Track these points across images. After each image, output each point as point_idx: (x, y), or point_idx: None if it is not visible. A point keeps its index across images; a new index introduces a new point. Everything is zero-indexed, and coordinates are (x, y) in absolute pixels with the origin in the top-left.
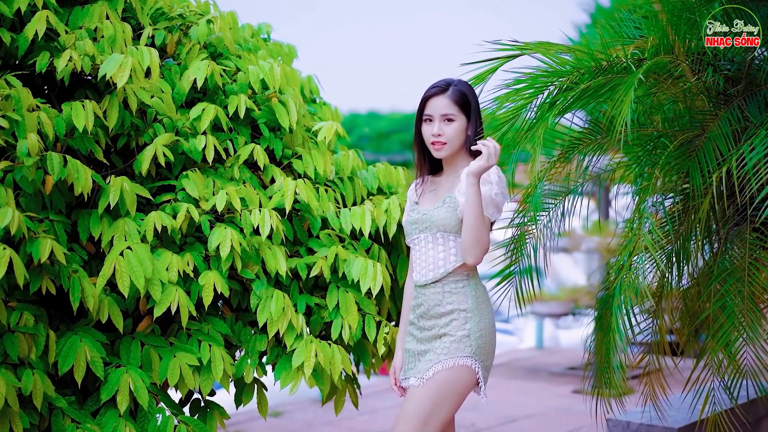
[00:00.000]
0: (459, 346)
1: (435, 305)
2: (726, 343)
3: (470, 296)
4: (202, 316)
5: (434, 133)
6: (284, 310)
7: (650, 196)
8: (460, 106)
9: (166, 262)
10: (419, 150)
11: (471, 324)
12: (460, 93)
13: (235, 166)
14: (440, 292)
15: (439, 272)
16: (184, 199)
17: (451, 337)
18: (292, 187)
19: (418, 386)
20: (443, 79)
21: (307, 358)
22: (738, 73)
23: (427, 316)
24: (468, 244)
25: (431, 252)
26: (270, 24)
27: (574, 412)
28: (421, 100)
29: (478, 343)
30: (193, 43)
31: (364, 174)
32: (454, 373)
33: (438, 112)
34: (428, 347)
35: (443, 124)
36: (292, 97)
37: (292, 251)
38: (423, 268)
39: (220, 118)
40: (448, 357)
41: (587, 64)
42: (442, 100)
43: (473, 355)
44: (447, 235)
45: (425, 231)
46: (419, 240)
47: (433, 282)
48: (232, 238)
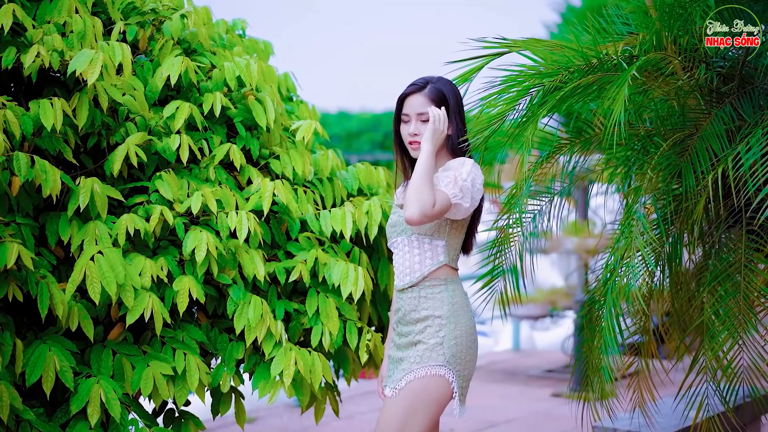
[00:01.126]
0: (431, 354)
1: (411, 310)
2: (721, 349)
3: (446, 302)
4: (176, 323)
5: (411, 132)
6: (262, 317)
7: (641, 196)
8: (437, 104)
9: (138, 267)
10: (400, 152)
11: (445, 331)
12: (437, 91)
13: (211, 166)
14: (416, 297)
15: (415, 276)
16: (158, 201)
17: (424, 344)
18: (270, 188)
19: (392, 397)
20: (422, 77)
21: (286, 366)
22: (731, 70)
23: (404, 321)
24: (408, 199)
25: (408, 255)
26: (245, 20)
27: (554, 417)
28: (398, 99)
29: (452, 352)
30: (167, 39)
31: (343, 174)
32: (426, 382)
33: (414, 111)
34: (404, 355)
35: (420, 123)
36: (269, 95)
37: (270, 255)
38: (401, 272)
39: (195, 116)
40: (420, 366)
41: (576, 62)
42: (418, 99)
43: (446, 364)
44: (422, 238)
45: (402, 234)
46: (397, 243)
47: (410, 286)
48: (208, 241)
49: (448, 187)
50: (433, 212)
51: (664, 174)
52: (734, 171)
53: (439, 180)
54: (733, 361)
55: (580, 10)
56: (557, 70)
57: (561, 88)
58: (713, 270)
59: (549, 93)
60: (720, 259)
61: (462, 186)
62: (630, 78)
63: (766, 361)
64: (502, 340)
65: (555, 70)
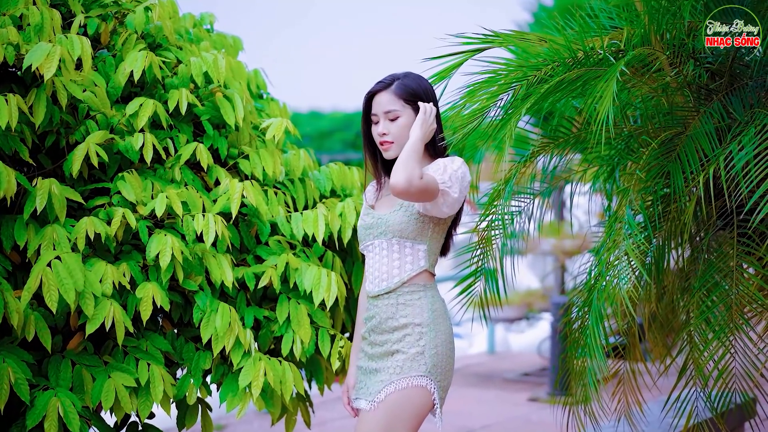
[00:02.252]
0: (412, 364)
1: (388, 318)
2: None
3: (426, 309)
4: (139, 332)
5: (380, 132)
6: (230, 325)
7: (628, 197)
8: (405, 101)
9: (99, 273)
10: (370, 153)
11: (426, 340)
12: (404, 86)
13: (176, 166)
14: (394, 304)
15: (394, 282)
16: (120, 203)
17: (403, 354)
18: (239, 189)
19: (370, 410)
20: (389, 75)
21: (256, 377)
22: (721, 66)
23: (379, 330)
24: (394, 169)
25: (385, 260)
26: (213, 14)
27: (532, 422)
28: (364, 98)
29: (434, 361)
30: (130, 33)
31: (316, 175)
32: (407, 394)
33: (381, 109)
34: (379, 365)
35: (388, 122)
36: (238, 92)
37: (239, 260)
38: (376, 278)
39: (160, 114)
40: (400, 377)
41: (562, 56)
42: (385, 96)
43: (428, 374)
44: (403, 242)
45: (380, 237)
46: (373, 246)
47: (387, 292)
48: (173, 245)
49: (437, 173)
50: (419, 185)
51: (651, 174)
52: (726, 172)
53: (428, 169)
54: (724, 370)
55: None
56: (541, 64)
57: (546, 81)
58: (703, 275)
59: (532, 88)
60: (709, 263)
61: (452, 174)
62: (618, 73)
63: (759, 371)
64: (477, 343)
65: (539, 64)
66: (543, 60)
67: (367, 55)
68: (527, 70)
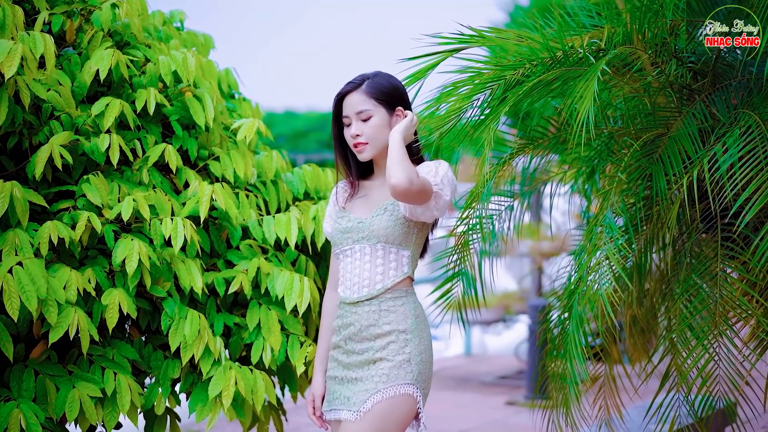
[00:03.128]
0: (399, 372)
1: (369, 325)
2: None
3: (410, 315)
4: (105, 340)
5: (353, 134)
6: (200, 333)
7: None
8: (377, 100)
9: (63, 280)
10: (342, 156)
11: (411, 347)
12: (375, 85)
13: (144, 168)
14: (376, 311)
15: (376, 288)
16: (85, 206)
17: (389, 362)
18: (209, 192)
19: (355, 421)
20: (359, 75)
21: (226, 386)
22: (704, 66)
23: (359, 338)
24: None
25: (368, 265)
26: (183, 11)
27: (510, 427)
28: (334, 99)
29: (419, 369)
30: (96, 30)
31: (289, 177)
32: (395, 403)
33: (353, 110)
34: (361, 374)
35: (360, 123)
36: (208, 92)
37: (209, 264)
38: (355, 284)
39: (127, 114)
40: (387, 385)
41: (539, 55)
42: (356, 97)
43: (414, 382)
44: (388, 247)
45: (362, 241)
46: (353, 251)
47: (368, 299)
48: (140, 250)
49: (429, 175)
50: (419, 183)
51: (632, 176)
52: (710, 174)
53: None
54: (708, 377)
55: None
56: (519, 63)
57: (523, 82)
58: (685, 279)
59: (510, 88)
60: (692, 267)
61: (443, 177)
62: (599, 72)
63: (744, 378)
64: (453, 345)
65: (517, 63)
66: (521, 59)
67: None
68: (505, 70)
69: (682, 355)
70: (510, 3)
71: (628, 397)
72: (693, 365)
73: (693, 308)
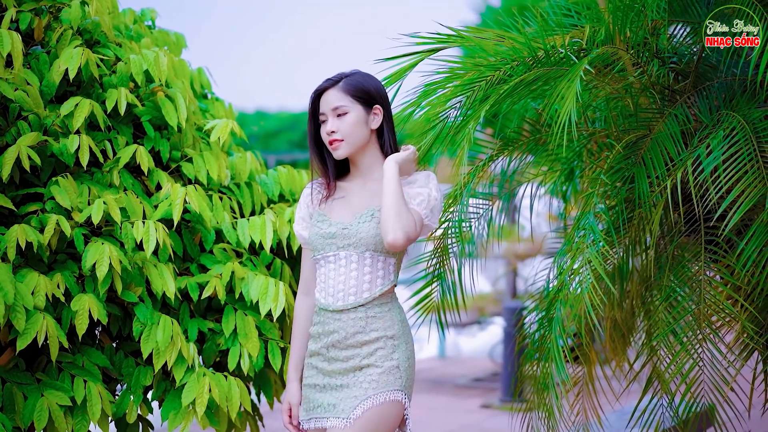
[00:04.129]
0: (388, 378)
1: (356, 333)
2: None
3: (396, 321)
4: (75, 347)
5: (328, 131)
6: (173, 339)
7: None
8: (354, 97)
9: (31, 285)
10: (318, 155)
11: (399, 353)
12: (353, 83)
13: (115, 170)
14: (363, 318)
15: (364, 297)
16: (54, 209)
17: (378, 368)
18: (182, 194)
19: (344, 428)
20: (337, 73)
21: (200, 394)
22: (687, 67)
23: (343, 345)
24: (387, 222)
25: (354, 273)
26: (155, 9)
27: (485, 430)
28: (311, 97)
29: (407, 375)
30: (65, 28)
31: (263, 179)
32: (385, 409)
33: (329, 106)
34: (346, 381)
35: (336, 119)
36: (180, 92)
37: (182, 269)
38: (340, 291)
39: (97, 114)
40: (377, 391)
41: (520, 55)
42: (333, 94)
43: (403, 389)
44: (377, 255)
45: (348, 249)
46: (337, 258)
47: (354, 307)
48: (111, 255)
49: (421, 206)
50: (414, 235)
51: (614, 178)
52: (694, 176)
53: (409, 197)
54: (692, 383)
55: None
56: (500, 63)
57: (505, 81)
58: (669, 283)
59: (491, 88)
60: (675, 271)
61: (433, 206)
62: (582, 72)
63: (729, 385)
64: (427, 347)
65: (498, 63)
66: (502, 59)
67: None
68: (485, 70)
69: (665, 362)
70: (481, 3)
71: (606, 400)
72: (677, 371)
73: (676, 313)
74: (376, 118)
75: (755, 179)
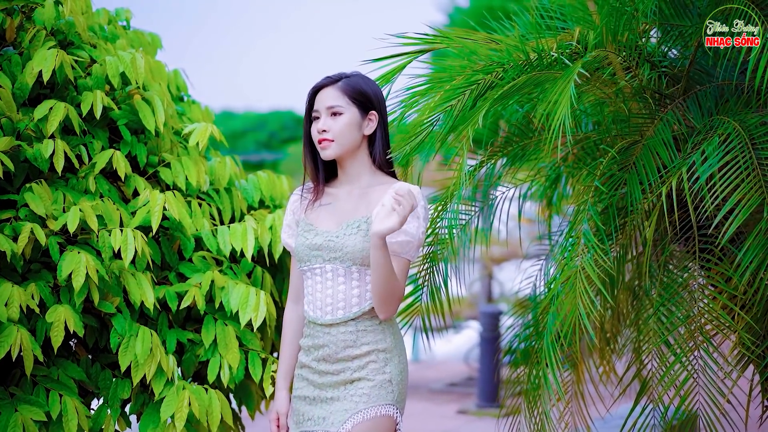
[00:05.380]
0: (380, 392)
1: (347, 347)
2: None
3: (388, 333)
4: (50, 360)
5: (319, 128)
6: (152, 351)
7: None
8: (351, 98)
9: (4, 296)
10: (311, 155)
11: (391, 366)
12: (352, 84)
13: (90, 176)
14: (353, 332)
15: (353, 311)
16: (28, 217)
17: (369, 381)
18: (161, 201)
19: None
20: (337, 72)
21: (179, 408)
22: (678, 71)
23: (333, 359)
24: (382, 299)
25: (342, 287)
26: (129, 9)
27: None
28: (308, 94)
29: (399, 389)
30: (38, 29)
31: (243, 184)
32: (376, 424)
33: (324, 104)
34: (337, 394)
35: (329, 118)
36: (158, 94)
37: (160, 278)
38: (328, 305)
39: (72, 118)
40: (368, 406)
41: (511, 57)
42: (330, 92)
43: (395, 403)
44: (364, 270)
45: (334, 262)
46: (323, 271)
47: (344, 321)
48: (88, 264)
49: (411, 252)
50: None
51: (606, 185)
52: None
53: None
54: (687, 396)
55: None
56: (491, 67)
57: (496, 85)
58: (660, 294)
59: (482, 93)
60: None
61: (419, 244)
62: (576, 75)
63: (726, 397)
64: None
65: (489, 67)
66: (493, 62)
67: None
68: (476, 74)
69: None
70: (449, 4)
71: (595, 408)
72: (671, 383)
73: (669, 323)
74: (371, 125)
75: (753, 188)
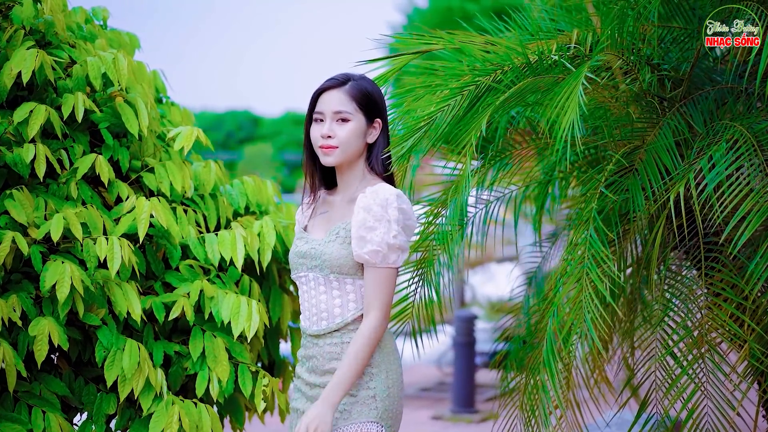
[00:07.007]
0: (362, 409)
1: (332, 359)
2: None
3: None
4: (32, 374)
5: (323, 134)
6: (140, 365)
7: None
8: (359, 104)
9: None
10: (310, 158)
11: (377, 382)
12: (360, 88)
13: (72, 182)
14: (338, 344)
15: (336, 322)
16: (8, 225)
17: (351, 397)
18: (147, 208)
19: None
20: (342, 73)
21: (168, 424)
22: (682, 74)
23: (320, 371)
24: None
25: (324, 297)
26: (106, 8)
27: None
28: (312, 95)
29: (385, 405)
30: (16, 28)
31: (228, 190)
32: None
33: (330, 108)
34: None
35: (335, 124)
36: (141, 97)
37: (145, 287)
38: (313, 315)
39: (54, 121)
40: (348, 423)
41: (510, 60)
42: (337, 95)
43: (379, 420)
44: (343, 278)
45: (314, 270)
46: (307, 279)
47: (329, 332)
48: (72, 274)
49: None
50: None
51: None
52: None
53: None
54: (694, 410)
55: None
56: (490, 69)
57: (501, 90)
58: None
59: (481, 95)
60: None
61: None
62: (584, 79)
63: (735, 410)
64: None
65: (487, 69)
66: (492, 64)
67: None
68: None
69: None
70: (407, 5)
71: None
72: (677, 396)
73: (674, 333)
74: (374, 133)
75: (764, 197)
